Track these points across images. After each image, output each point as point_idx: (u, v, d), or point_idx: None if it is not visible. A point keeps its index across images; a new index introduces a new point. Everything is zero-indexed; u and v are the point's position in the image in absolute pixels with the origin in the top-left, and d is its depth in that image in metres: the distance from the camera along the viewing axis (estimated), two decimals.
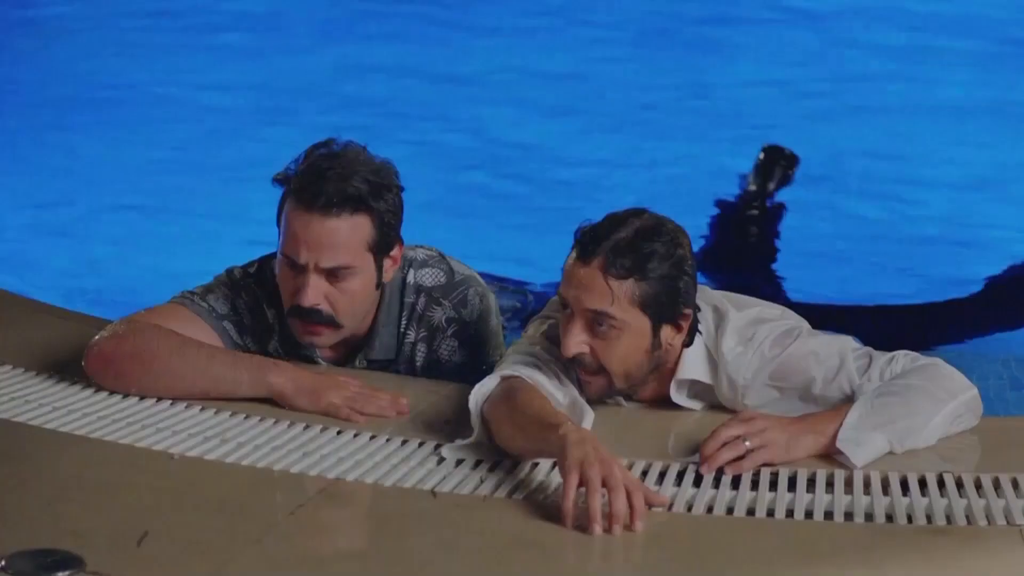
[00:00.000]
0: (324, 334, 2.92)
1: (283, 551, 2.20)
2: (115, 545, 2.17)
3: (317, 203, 2.81)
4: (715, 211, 5.97)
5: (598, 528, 2.20)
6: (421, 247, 3.15)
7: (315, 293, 2.86)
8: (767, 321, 2.77)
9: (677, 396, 2.78)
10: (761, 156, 5.94)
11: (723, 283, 4.47)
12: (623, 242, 2.60)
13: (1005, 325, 5.18)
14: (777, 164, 5.91)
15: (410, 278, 3.06)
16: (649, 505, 2.27)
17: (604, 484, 2.23)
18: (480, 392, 2.61)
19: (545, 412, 2.48)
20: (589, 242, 2.62)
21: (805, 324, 2.84)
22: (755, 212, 5.93)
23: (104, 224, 6.36)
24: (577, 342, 2.64)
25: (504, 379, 2.63)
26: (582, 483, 2.24)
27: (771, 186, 5.91)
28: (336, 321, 2.90)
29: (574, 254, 2.64)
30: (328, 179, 2.83)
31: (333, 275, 2.86)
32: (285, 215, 2.88)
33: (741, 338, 2.73)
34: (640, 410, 2.82)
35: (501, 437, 2.54)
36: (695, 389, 2.79)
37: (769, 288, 5.31)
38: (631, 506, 2.22)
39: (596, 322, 2.62)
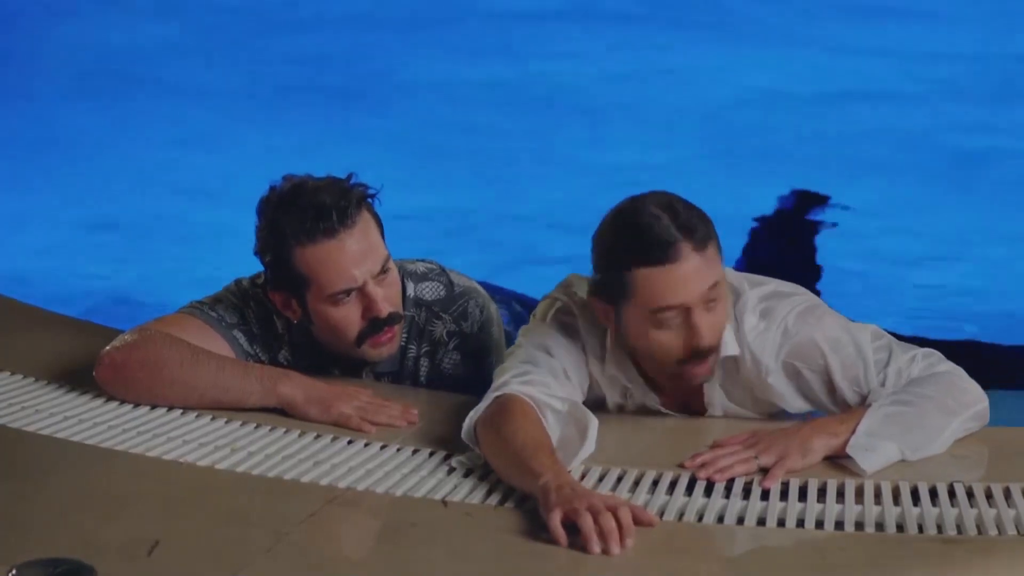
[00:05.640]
0: None
1: (294, 560, 2.20)
2: (126, 555, 2.17)
3: None
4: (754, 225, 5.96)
5: (596, 547, 2.18)
6: (421, 261, 3.15)
7: None
8: (784, 296, 2.74)
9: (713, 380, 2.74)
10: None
11: None
12: (682, 220, 2.54)
13: None
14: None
15: (410, 292, 3.06)
16: (637, 523, 2.25)
17: (589, 511, 2.22)
18: (472, 418, 2.59)
19: (526, 453, 2.42)
20: (664, 244, 2.53)
21: (822, 302, 2.79)
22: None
23: None
24: (714, 331, 2.60)
25: (496, 399, 2.60)
26: (566, 519, 2.23)
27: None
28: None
29: (656, 265, 2.53)
30: None
31: None
32: None
33: (761, 314, 2.70)
34: (648, 418, 2.81)
35: (491, 464, 2.52)
36: (725, 369, 2.73)
37: None
38: (619, 523, 2.21)
39: (710, 298, 2.57)
